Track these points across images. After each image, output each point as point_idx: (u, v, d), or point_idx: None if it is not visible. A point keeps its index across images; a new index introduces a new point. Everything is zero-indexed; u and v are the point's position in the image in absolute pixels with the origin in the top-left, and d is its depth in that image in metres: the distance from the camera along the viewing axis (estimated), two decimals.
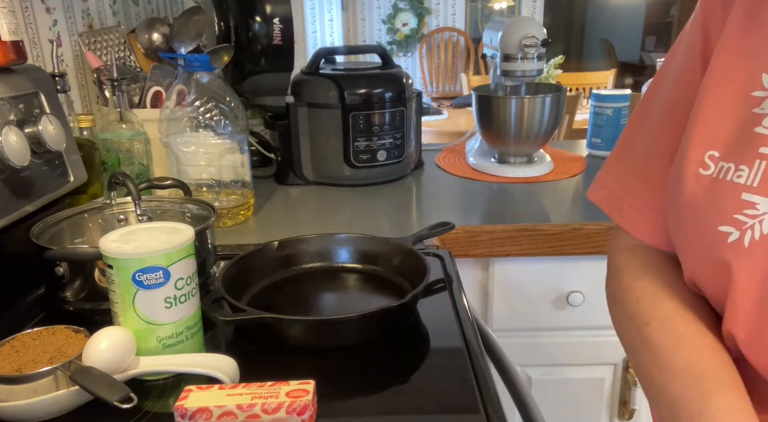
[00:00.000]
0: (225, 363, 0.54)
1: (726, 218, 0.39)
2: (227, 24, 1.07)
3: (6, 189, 0.68)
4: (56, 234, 0.72)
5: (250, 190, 1.00)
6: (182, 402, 0.47)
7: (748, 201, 0.38)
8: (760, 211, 0.38)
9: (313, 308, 0.71)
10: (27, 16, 0.99)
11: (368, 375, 0.58)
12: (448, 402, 0.53)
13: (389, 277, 0.74)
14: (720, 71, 0.43)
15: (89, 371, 0.50)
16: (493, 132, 1.20)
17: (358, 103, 1.10)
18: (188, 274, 0.56)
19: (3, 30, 0.70)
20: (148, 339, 0.55)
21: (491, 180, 1.18)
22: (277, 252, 0.75)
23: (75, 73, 1.12)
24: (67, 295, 0.67)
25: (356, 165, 1.13)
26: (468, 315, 0.66)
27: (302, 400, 0.47)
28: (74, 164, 0.82)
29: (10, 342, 0.54)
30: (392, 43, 5.12)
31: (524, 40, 1.14)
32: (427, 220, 0.93)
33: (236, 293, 0.66)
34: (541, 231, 0.92)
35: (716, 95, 0.43)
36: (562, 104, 1.19)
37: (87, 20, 1.18)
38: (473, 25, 5.23)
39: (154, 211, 0.80)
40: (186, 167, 0.93)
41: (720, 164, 0.41)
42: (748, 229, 0.38)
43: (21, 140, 0.68)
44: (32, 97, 0.76)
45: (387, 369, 0.59)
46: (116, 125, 0.97)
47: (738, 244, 0.39)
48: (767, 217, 0.38)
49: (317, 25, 4.43)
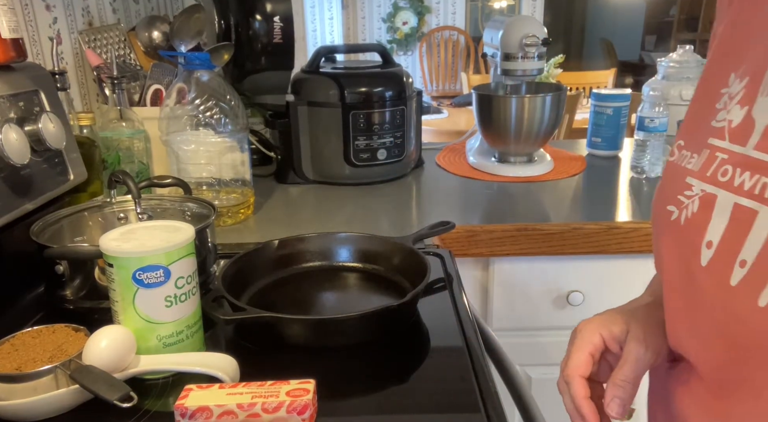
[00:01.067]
0: (225, 362, 0.54)
1: (672, 198, 0.44)
2: (227, 22, 1.07)
3: (6, 187, 0.68)
4: (56, 232, 0.72)
5: (250, 188, 1.00)
6: (182, 401, 0.47)
7: (688, 184, 0.42)
8: (694, 192, 0.42)
9: (313, 308, 0.71)
10: (27, 14, 0.99)
11: (368, 374, 0.58)
12: (448, 401, 0.53)
13: (389, 276, 0.74)
14: (707, 69, 0.47)
15: (89, 370, 0.50)
16: (494, 131, 1.20)
17: (359, 101, 1.10)
18: (188, 273, 0.55)
19: (3, 27, 0.70)
20: (148, 337, 0.54)
21: (491, 179, 1.18)
22: (278, 251, 0.75)
23: (75, 71, 1.12)
24: (67, 293, 0.67)
25: (356, 164, 1.13)
26: (468, 314, 0.66)
27: (302, 399, 0.47)
28: (74, 162, 0.82)
29: (10, 341, 0.54)
30: (392, 41, 5.12)
31: (525, 39, 1.14)
32: (427, 219, 0.93)
33: (236, 292, 0.66)
34: (541, 231, 0.92)
35: (699, 91, 0.47)
36: (563, 104, 1.19)
37: (87, 18, 1.18)
38: (473, 24, 5.22)
39: (154, 209, 0.80)
40: (186, 166, 0.93)
41: (683, 152, 0.45)
42: (684, 208, 0.42)
43: (21, 137, 0.68)
44: (32, 95, 0.76)
45: (387, 369, 0.59)
46: (116, 123, 0.97)
47: (676, 222, 0.43)
48: (697, 198, 0.41)
49: (317, 24, 4.42)
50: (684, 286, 0.42)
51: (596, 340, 0.50)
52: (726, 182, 0.39)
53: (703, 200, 0.41)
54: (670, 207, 0.43)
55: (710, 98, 0.44)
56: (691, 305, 0.42)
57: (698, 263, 0.40)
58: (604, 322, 0.50)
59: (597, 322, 0.51)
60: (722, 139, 0.41)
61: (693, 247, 0.40)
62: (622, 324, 0.50)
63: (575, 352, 0.50)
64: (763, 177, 0.36)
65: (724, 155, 0.40)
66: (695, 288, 0.40)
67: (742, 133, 0.39)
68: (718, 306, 0.38)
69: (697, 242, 0.40)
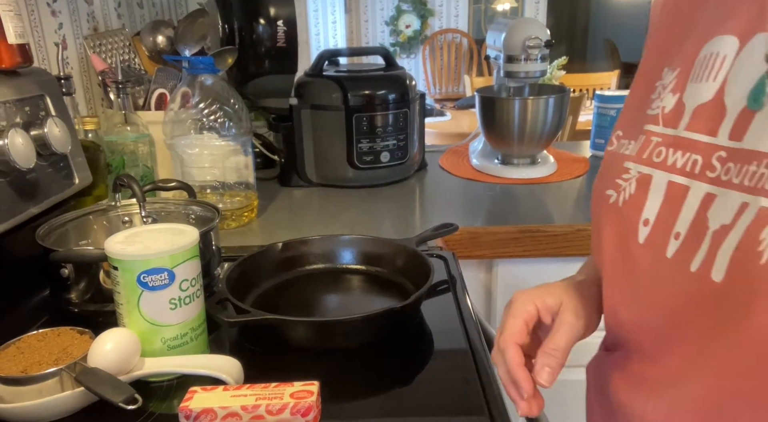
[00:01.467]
0: (229, 364, 0.54)
1: (611, 183, 0.46)
2: (231, 26, 1.08)
3: (12, 191, 0.68)
4: (61, 236, 0.73)
5: (253, 192, 1.00)
6: (187, 403, 0.47)
7: (626, 168, 0.45)
8: (631, 175, 0.44)
9: (317, 310, 0.71)
10: (33, 19, 1.00)
11: (372, 376, 0.58)
12: (452, 404, 0.53)
13: (393, 278, 0.74)
14: (642, 66, 0.50)
15: (94, 372, 0.50)
16: (497, 133, 1.20)
17: (362, 104, 1.11)
18: (193, 275, 0.56)
19: (9, 33, 0.71)
20: (152, 340, 0.55)
21: (495, 181, 1.18)
22: (281, 254, 0.76)
23: (80, 76, 1.13)
24: (72, 296, 0.67)
25: (359, 167, 1.14)
26: (472, 316, 0.66)
27: (306, 401, 0.47)
28: (79, 166, 0.83)
29: (16, 344, 0.54)
30: (395, 44, 5.12)
31: (528, 41, 1.14)
32: (430, 221, 0.93)
33: (240, 294, 0.66)
34: (544, 232, 0.92)
35: (635, 86, 0.50)
36: (566, 105, 1.19)
37: (92, 23, 1.18)
38: (476, 27, 5.22)
39: (158, 213, 0.80)
40: (190, 169, 0.93)
41: (621, 141, 0.48)
42: (622, 191, 0.45)
43: (27, 142, 0.68)
44: (38, 100, 0.77)
45: (391, 371, 0.59)
46: (121, 127, 0.97)
47: (614, 205, 0.45)
48: (634, 180, 0.44)
49: (320, 27, 4.44)
50: (623, 264, 0.44)
51: (531, 309, 0.51)
52: (660, 162, 0.42)
53: (639, 181, 0.43)
54: (608, 191, 0.46)
55: (646, 91, 0.47)
56: (630, 282, 0.44)
57: (636, 241, 0.42)
58: (538, 293, 0.52)
59: (532, 293, 0.52)
60: (656, 124, 0.44)
61: (631, 226, 0.43)
62: (556, 296, 0.51)
63: (510, 320, 0.51)
64: (693, 155, 0.40)
65: (658, 139, 0.43)
66: (633, 265, 0.43)
67: (674, 117, 0.42)
68: (656, 278, 0.41)
69: (635, 221, 0.42)
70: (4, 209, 0.66)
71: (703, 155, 0.39)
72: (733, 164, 0.37)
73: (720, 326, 0.36)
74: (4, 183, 0.67)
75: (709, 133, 0.39)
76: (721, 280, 0.35)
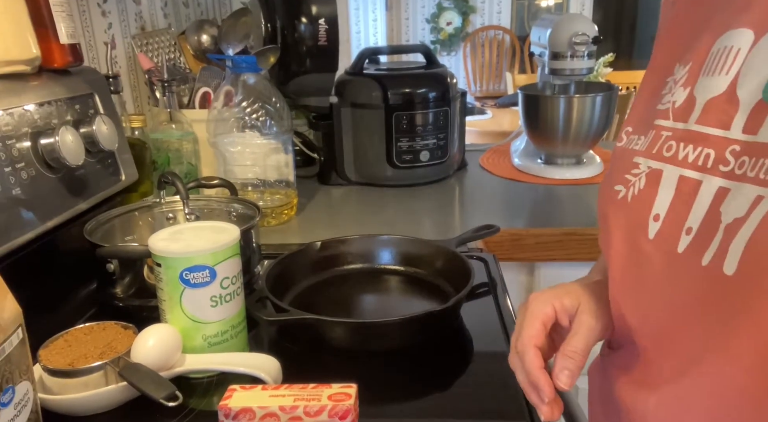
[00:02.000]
0: (268, 364, 0.54)
1: (620, 178, 0.45)
2: (274, 25, 1.09)
3: (62, 187, 0.70)
4: (108, 231, 0.75)
5: (293, 190, 1.00)
6: (226, 402, 0.47)
7: (635, 163, 0.44)
8: (641, 170, 0.43)
9: (355, 310, 0.70)
10: (84, 20, 1.02)
11: (410, 379, 0.57)
12: (492, 408, 0.51)
13: (432, 280, 0.73)
14: (653, 62, 0.49)
15: (137, 367, 0.51)
16: (540, 132, 1.17)
17: (402, 103, 1.10)
18: (233, 273, 0.56)
19: (61, 33, 0.73)
20: (194, 337, 0.55)
21: (537, 182, 1.15)
22: (320, 253, 0.76)
23: (128, 75, 1.16)
24: (117, 291, 0.68)
25: (399, 166, 1.13)
26: (513, 320, 0.65)
27: (345, 404, 0.47)
28: (126, 163, 0.85)
29: (64, 336, 0.56)
30: (436, 42, 5.09)
31: (574, 37, 1.11)
32: (470, 222, 0.92)
33: (279, 292, 0.67)
34: (589, 235, 0.89)
35: (645, 82, 0.49)
36: (614, 104, 1.15)
37: (140, 23, 1.21)
38: (519, 23, 5.14)
39: (201, 210, 0.82)
40: (232, 167, 0.94)
41: (630, 137, 0.47)
42: (631, 186, 0.44)
43: (77, 139, 0.70)
44: (87, 98, 0.79)
45: (429, 374, 0.58)
46: (166, 125, 0.99)
47: (623, 200, 0.44)
48: (643, 175, 0.43)
49: (361, 26, 4.45)
50: (631, 260, 0.43)
51: (549, 310, 0.49)
52: (671, 156, 0.41)
53: (649, 176, 0.43)
54: (617, 187, 0.45)
55: (656, 87, 0.46)
56: (637, 277, 0.43)
57: (645, 237, 0.41)
58: (556, 294, 0.50)
59: (549, 294, 0.50)
60: (667, 119, 0.43)
61: (640, 222, 0.42)
62: (573, 297, 0.49)
63: (528, 322, 0.49)
64: (705, 149, 0.39)
65: (669, 133, 0.42)
66: (642, 260, 0.42)
67: (684, 111, 0.41)
68: (665, 273, 0.40)
69: (645, 217, 0.42)
70: (55, 205, 0.69)
71: (716, 148, 0.38)
72: (747, 158, 0.36)
73: (729, 319, 0.35)
74: (55, 179, 0.69)
75: (722, 126, 0.38)
76: (733, 273, 0.34)
